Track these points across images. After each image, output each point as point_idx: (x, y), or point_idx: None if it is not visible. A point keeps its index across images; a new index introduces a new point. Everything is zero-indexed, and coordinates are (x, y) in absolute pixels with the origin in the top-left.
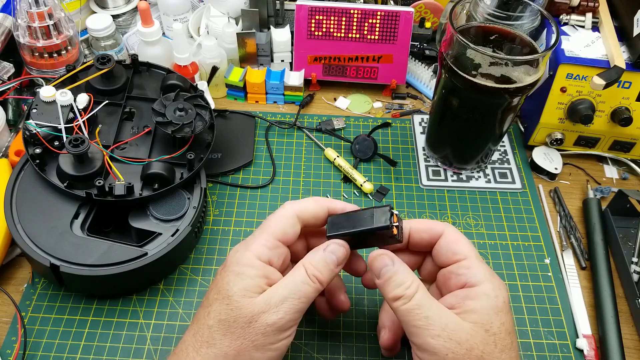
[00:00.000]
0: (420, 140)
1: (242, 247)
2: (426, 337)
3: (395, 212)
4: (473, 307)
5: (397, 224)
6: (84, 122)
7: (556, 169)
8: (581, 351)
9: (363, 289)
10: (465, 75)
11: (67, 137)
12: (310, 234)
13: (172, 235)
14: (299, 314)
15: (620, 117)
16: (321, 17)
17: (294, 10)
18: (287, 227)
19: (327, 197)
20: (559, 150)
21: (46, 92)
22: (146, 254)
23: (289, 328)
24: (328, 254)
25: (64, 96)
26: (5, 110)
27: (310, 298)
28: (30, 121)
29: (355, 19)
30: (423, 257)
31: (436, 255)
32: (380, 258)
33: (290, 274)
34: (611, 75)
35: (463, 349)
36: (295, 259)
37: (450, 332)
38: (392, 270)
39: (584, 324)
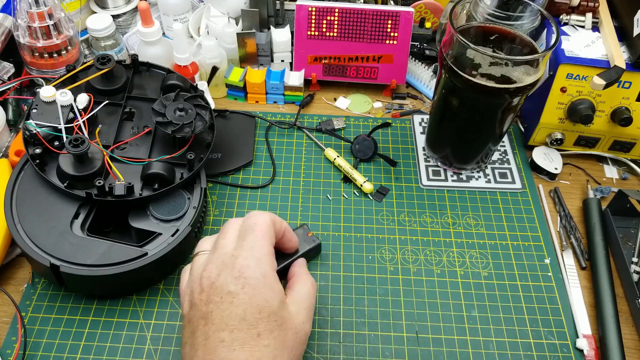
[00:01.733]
0: (420, 140)
1: (253, 261)
2: None
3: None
4: None
5: None
6: (84, 122)
7: (556, 169)
8: (581, 351)
9: (363, 289)
10: (465, 75)
11: (67, 137)
12: None
13: (172, 235)
14: None
15: (620, 117)
16: (321, 17)
17: (294, 10)
18: (272, 233)
19: (328, 197)
20: (559, 150)
21: (46, 92)
22: (146, 254)
23: None
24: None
25: (64, 96)
26: (5, 110)
27: None
28: (30, 121)
29: (355, 19)
30: None
31: None
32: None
33: (301, 286)
34: (611, 75)
35: None
36: None
37: None
38: None
39: (584, 324)
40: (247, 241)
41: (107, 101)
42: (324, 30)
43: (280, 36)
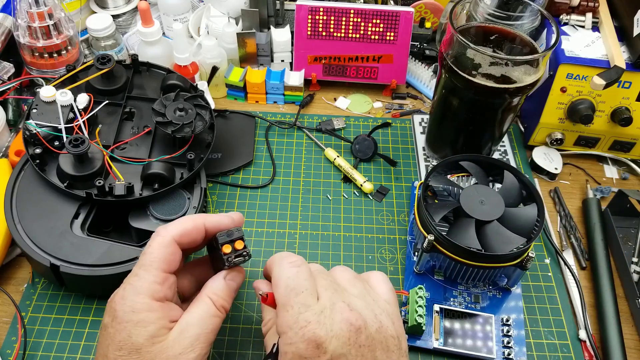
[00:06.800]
0: (420, 140)
1: (129, 291)
2: None
3: None
4: None
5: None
6: (84, 122)
7: (556, 169)
8: (584, 342)
9: None
10: (465, 75)
11: (67, 137)
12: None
13: None
14: (211, 346)
15: (620, 117)
16: (321, 17)
17: (294, 10)
18: (170, 256)
19: (328, 197)
20: (559, 150)
21: (46, 92)
22: None
23: None
24: (230, 282)
25: (64, 96)
26: (5, 110)
27: (219, 328)
28: (31, 121)
29: (355, 19)
30: None
31: None
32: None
33: (195, 308)
34: (611, 75)
35: None
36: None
37: None
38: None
39: (584, 324)
40: (133, 270)
41: (107, 101)
42: (324, 30)
43: (280, 36)
